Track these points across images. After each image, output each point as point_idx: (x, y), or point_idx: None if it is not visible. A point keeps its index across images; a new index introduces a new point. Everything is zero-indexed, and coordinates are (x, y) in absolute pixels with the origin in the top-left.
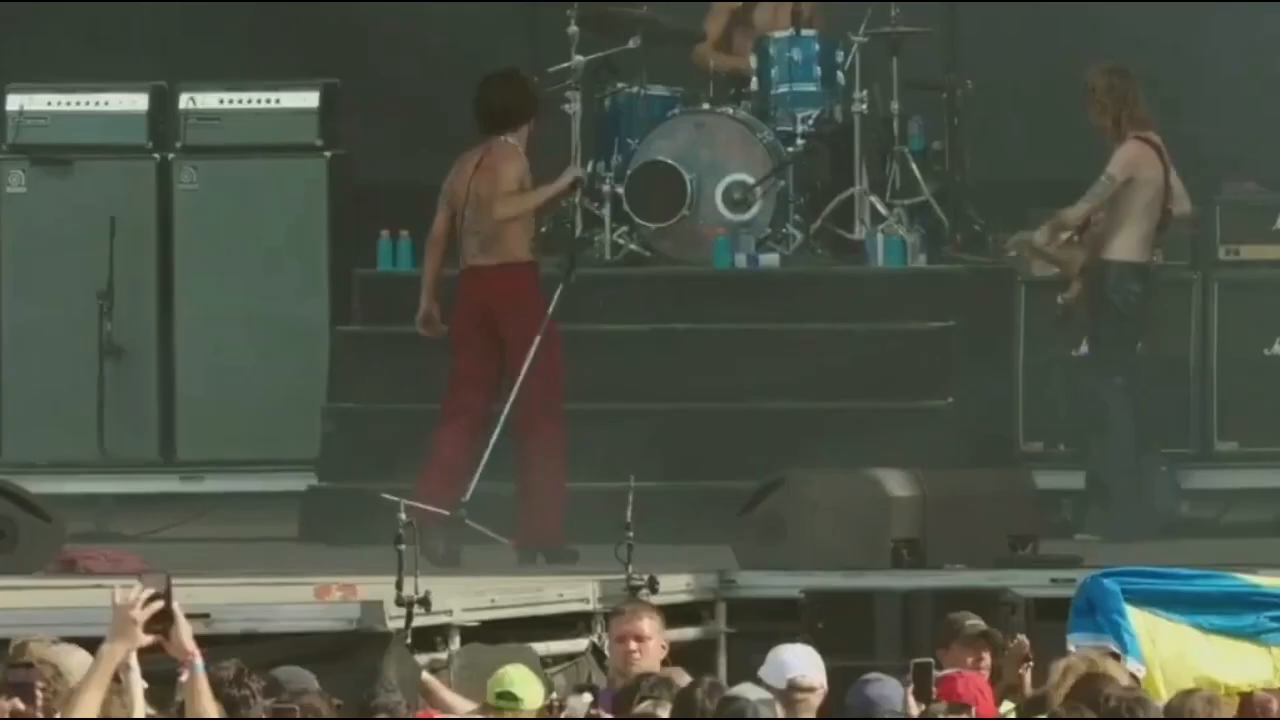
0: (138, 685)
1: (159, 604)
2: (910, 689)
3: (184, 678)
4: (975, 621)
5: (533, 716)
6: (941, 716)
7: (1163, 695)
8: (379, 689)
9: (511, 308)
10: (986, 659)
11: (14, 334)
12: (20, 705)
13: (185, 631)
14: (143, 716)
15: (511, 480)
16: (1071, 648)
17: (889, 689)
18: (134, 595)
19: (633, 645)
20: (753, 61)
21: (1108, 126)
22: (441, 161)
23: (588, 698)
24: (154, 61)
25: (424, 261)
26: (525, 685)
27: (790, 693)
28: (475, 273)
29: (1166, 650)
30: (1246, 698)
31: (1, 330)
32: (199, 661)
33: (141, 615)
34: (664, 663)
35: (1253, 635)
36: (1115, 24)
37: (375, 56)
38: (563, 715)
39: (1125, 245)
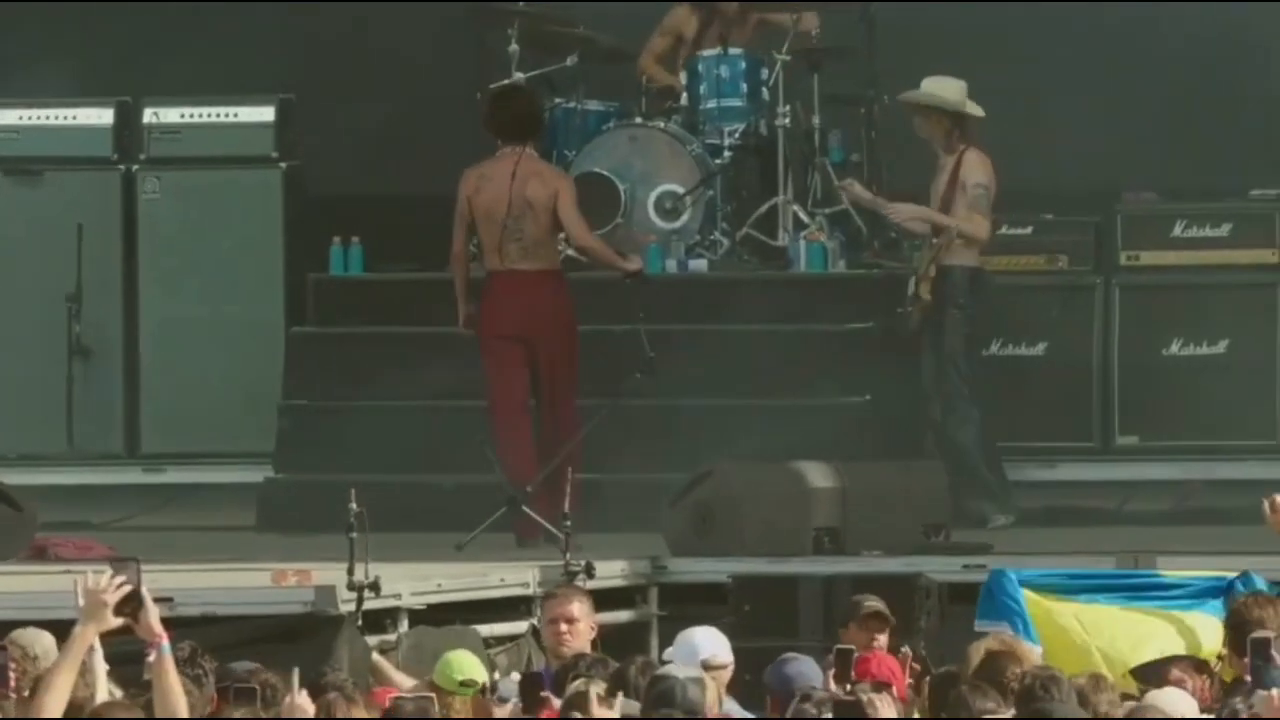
0: (100, 665)
1: (129, 588)
2: (832, 672)
3: (151, 658)
4: (872, 602)
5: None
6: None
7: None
8: (328, 668)
9: (551, 312)
10: (881, 639)
11: None
12: None
13: (153, 614)
14: (105, 696)
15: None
16: (984, 630)
17: (805, 666)
18: (105, 580)
19: (563, 627)
20: (683, 78)
21: (939, 136)
22: (389, 173)
23: (515, 676)
24: (118, 78)
25: (455, 274)
26: (477, 669)
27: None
28: (515, 276)
29: (1065, 631)
30: (1149, 667)
31: None
32: (166, 643)
33: (112, 599)
34: (593, 644)
35: (1157, 609)
36: (1019, 41)
37: (327, 74)
38: (495, 695)
39: (969, 252)
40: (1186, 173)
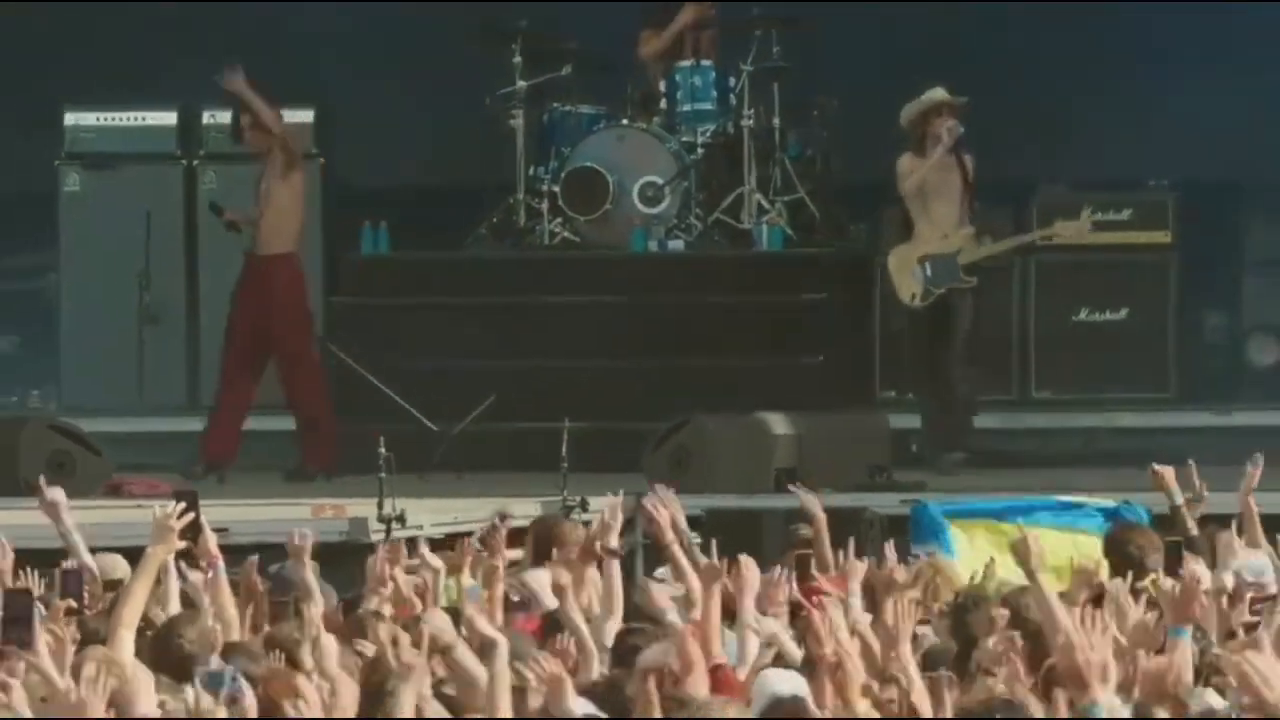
0: (174, 586)
1: (190, 516)
2: (794, 574)
3: (209, 575)
4: (802, 530)
5: None
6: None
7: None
8: (364, 590)
9: None
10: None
11: (70, 306)
12: (73, 603)
13: (211, 540)
14: (178, 609)
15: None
16: (917, 554)
17: None
18: (171, 509)
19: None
20: (662, 86)
21: (944, 136)
22: (411, 166)
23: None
24: (180, 85)
25: None
26: None
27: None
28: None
29: (984, 548)
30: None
31: (61, 303)
32: (221, 564)
33: (177, 526)
34: None
35: (1063, 527)
36: (955, 49)
37: (357, 81)
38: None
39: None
40: (1092, 165)
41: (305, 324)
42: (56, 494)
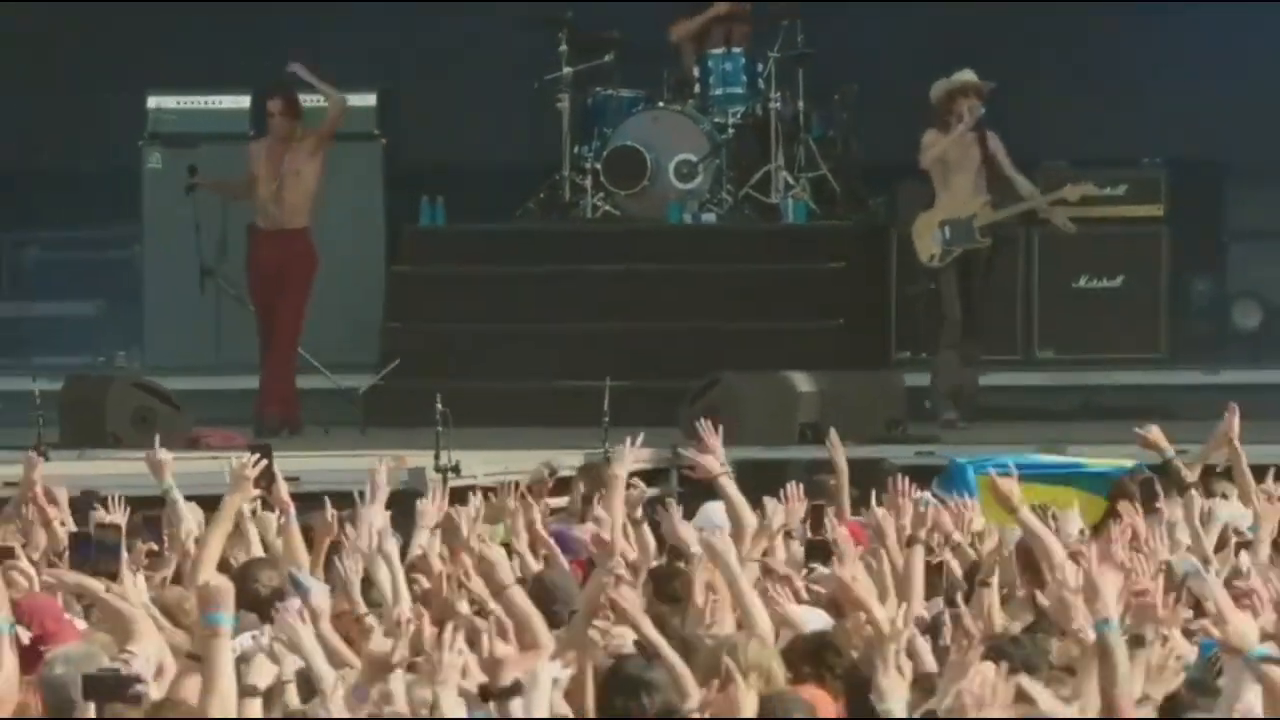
0: (253, 532)
1: (264, 466)
2: (809, 523)
3: (282, 521)
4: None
5: None
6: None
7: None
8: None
9: None
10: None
11: (152, 274)
12: (153, 546)
13: (283, 488)
14: (259, 555)
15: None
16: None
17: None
18: (247, 460)
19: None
20: (696, 71)
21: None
22: (466, 145)
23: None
24: (252, 70)
25: None
26: None
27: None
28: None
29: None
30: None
31: (144, 271)
32: (293, 511)
33: (252, 474)
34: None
35: (1064, 483)
36: (964, 38)
37: (416, 66)
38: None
39: None
40: (1091, 145)
41: (309, 292)
42: (164, 455)
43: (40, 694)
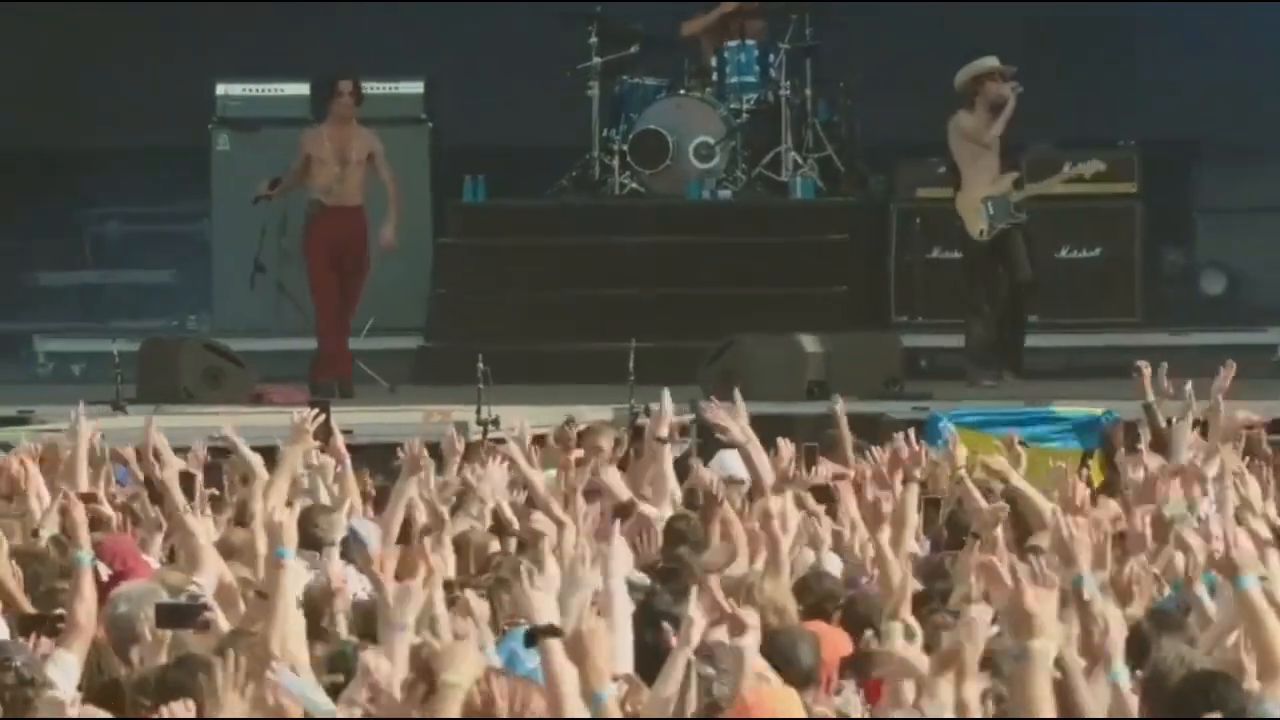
0: (319, 482)
1: (322, 420)
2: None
3: (338, 470)
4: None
5: None
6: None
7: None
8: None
9: None
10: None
11: (219, 245)
12: (215, 491)
13: (339, 440)
14: (327, 501)
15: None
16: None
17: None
18: (307, 415)
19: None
20: (713, 62)
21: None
22: (506, 128)
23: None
24: (312, 60)
25: None
26: None
27: (728, 484)
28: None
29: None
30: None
31: (212, 243)
32: (348, 462)
33: (311, 428)
34: None
35: (1038, 442)
36: (956, 33)
37: (460, 58)
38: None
39: None
40: (1071, 128)
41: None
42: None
43: (108, 630)
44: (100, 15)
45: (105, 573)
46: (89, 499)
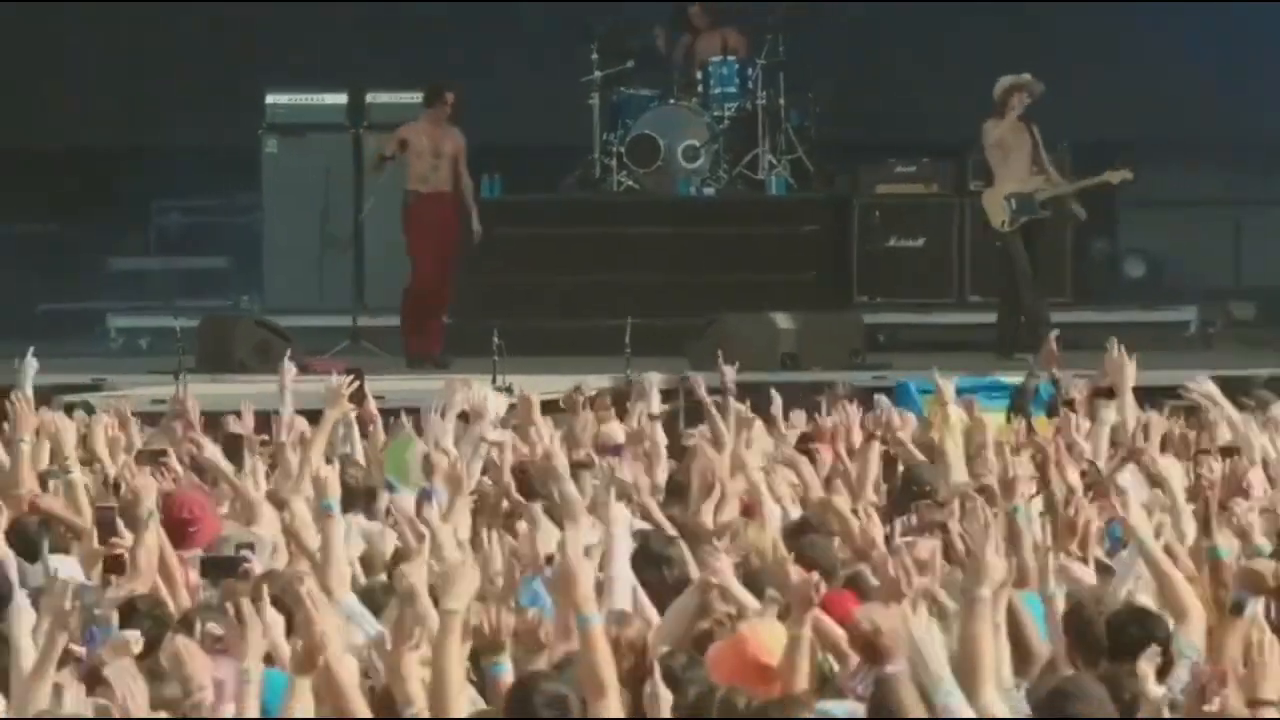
0: (355, 437)
1: (356, 385)
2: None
3: (371, 429)
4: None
5: None
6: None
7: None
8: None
9: None
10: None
11: (269, 234)
12: (265, 437)
13: (372, 404)
14: (360, 457)
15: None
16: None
17: None
18: (344, 381)
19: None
20: (699, 75)
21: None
22: (518, 131)
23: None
24: (346, 72)
25: None
26: None
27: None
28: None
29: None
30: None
31: (263, 232)
32: (379, 421)
33: (347, 393)
34: None
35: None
36: (910, 47)
37: (479, 69)
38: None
39: None
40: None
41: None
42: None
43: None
44: (167, 32)
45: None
46: (159, 455)
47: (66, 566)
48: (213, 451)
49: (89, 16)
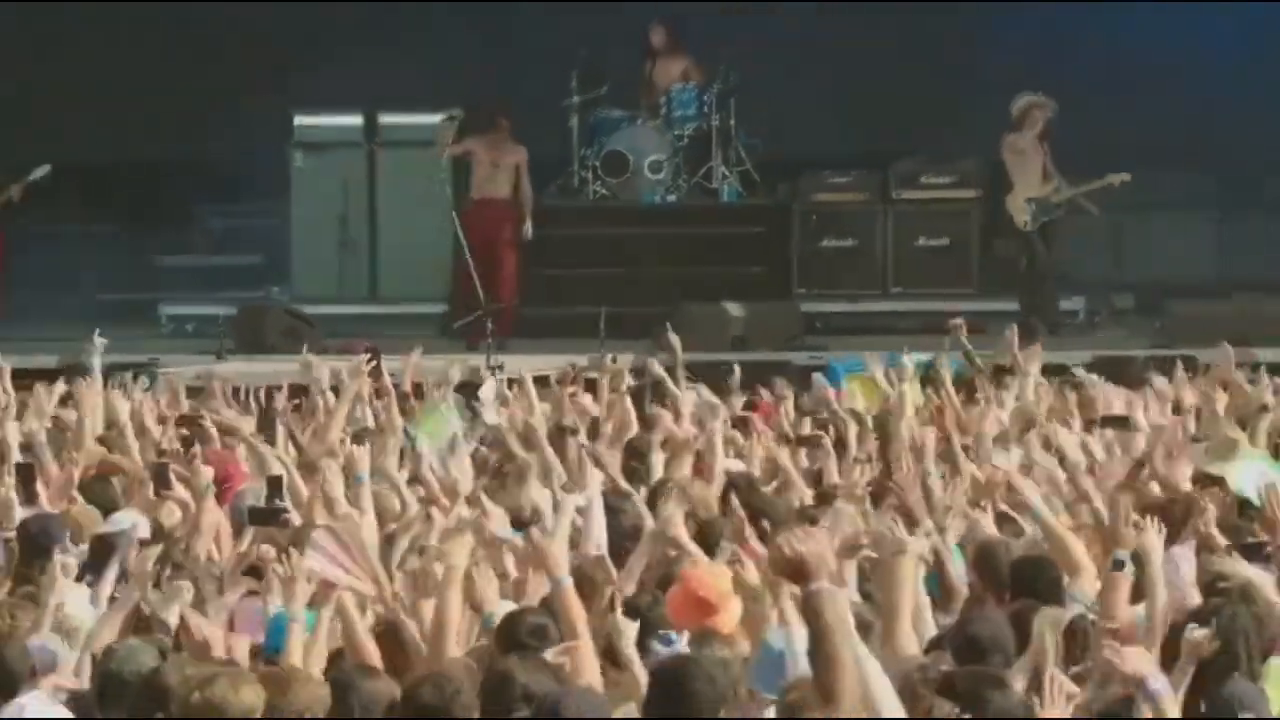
0: (372, 406)
1: (373, 364)
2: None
3: (384, 401)
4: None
5: None
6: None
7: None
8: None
9: None
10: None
11: (296, 235)
12: (297, 402)
13: (387, 380)
14: (372, 424)
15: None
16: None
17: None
18: (363, 358)
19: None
20: (663, 100)
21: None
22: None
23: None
24: (359, 95)
25: None
26: None
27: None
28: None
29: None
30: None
31: (291, 234)
32: (394, 394)
33: (365, 369)
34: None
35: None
36: (852, 69)
37: (479, 95)
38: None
39: None
40: (935, 144)
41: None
42: (310, 357)
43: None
44: (213, 63)
45: (209, 475)
46: (197, 420)
47: (129, 517)
48: (231, 416)
49: (149, 52)
